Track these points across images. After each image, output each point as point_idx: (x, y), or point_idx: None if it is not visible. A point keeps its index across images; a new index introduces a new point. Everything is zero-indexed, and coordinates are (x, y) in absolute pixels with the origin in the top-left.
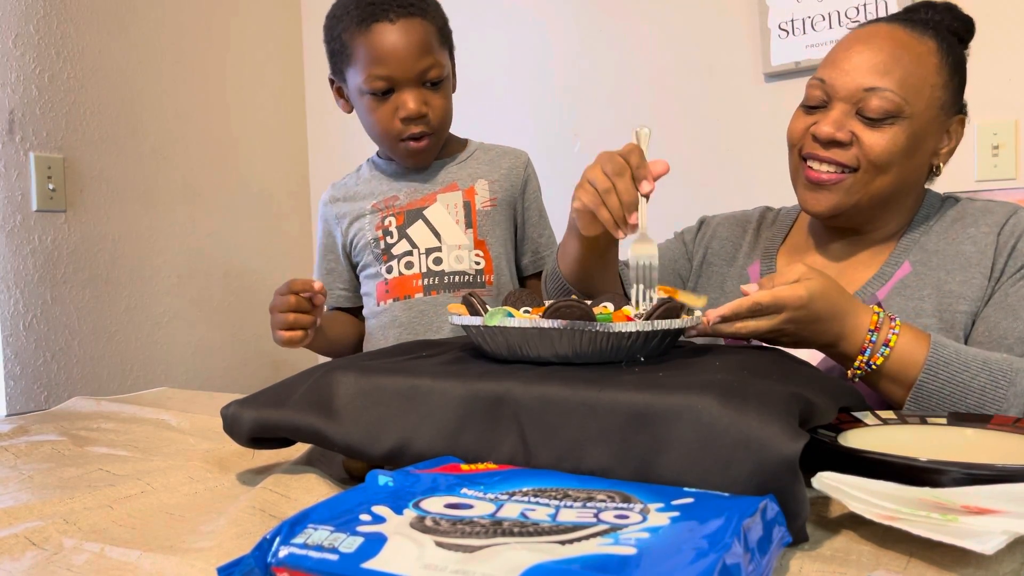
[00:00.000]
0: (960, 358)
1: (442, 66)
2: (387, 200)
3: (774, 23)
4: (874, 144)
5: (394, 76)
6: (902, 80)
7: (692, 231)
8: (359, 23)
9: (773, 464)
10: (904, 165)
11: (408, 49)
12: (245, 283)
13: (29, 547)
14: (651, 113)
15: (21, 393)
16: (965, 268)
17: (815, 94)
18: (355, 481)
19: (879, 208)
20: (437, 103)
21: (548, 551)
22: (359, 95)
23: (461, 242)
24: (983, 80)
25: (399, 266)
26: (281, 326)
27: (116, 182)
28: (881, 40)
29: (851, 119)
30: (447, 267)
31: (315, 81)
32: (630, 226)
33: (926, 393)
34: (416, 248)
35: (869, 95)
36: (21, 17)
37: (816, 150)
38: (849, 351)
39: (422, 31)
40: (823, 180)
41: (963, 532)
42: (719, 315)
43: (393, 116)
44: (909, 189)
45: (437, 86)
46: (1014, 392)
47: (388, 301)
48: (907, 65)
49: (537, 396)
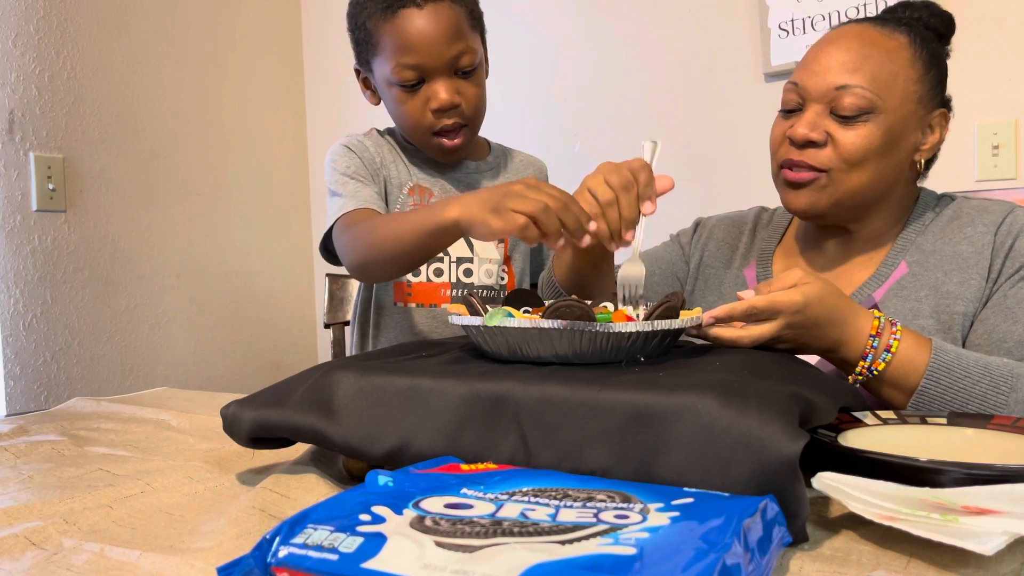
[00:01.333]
0: (961, 364)
1: (474, 51)
2: (423, 190)
3: (774, 23)
4: (848, 143)
5: (424, 65)
6: (873, 76)
7: (688, 233)
8: (384, 9)
9: (773, 464)
10: (881, 161)
11: (438, 35)
12: (245, 283)
13: (29, 547)
14: (651, 113)
15: (21, 393)
16: (962, 269)
17: (790, 98)
18: (355, 481)
19: (863, 206)
20: (470, 92)
21: (548, 551)
22: (387, 86)
23: (492, 256)
24: (983, 80)
25: (427, 271)
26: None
27: (116, 182)
28: (850, 39)
29: (825, 119)
30: (476, 280)
31: (315, 81)
32: (624, 241)
33: (927, 399)
34: (447, 255)
35: (841, 93)
36: (21, 17)
37: (792, 155)
38: (850, 357)
39: (452, 15)
40: (799, 179)
41: (963, 533)
42: (713, 316)
43: (424, 108)
44: (892, 186)
45: (469, 74)
46: (1015, 399)
47: (409, 304)
48: (877, 61)
49: (537, 396)
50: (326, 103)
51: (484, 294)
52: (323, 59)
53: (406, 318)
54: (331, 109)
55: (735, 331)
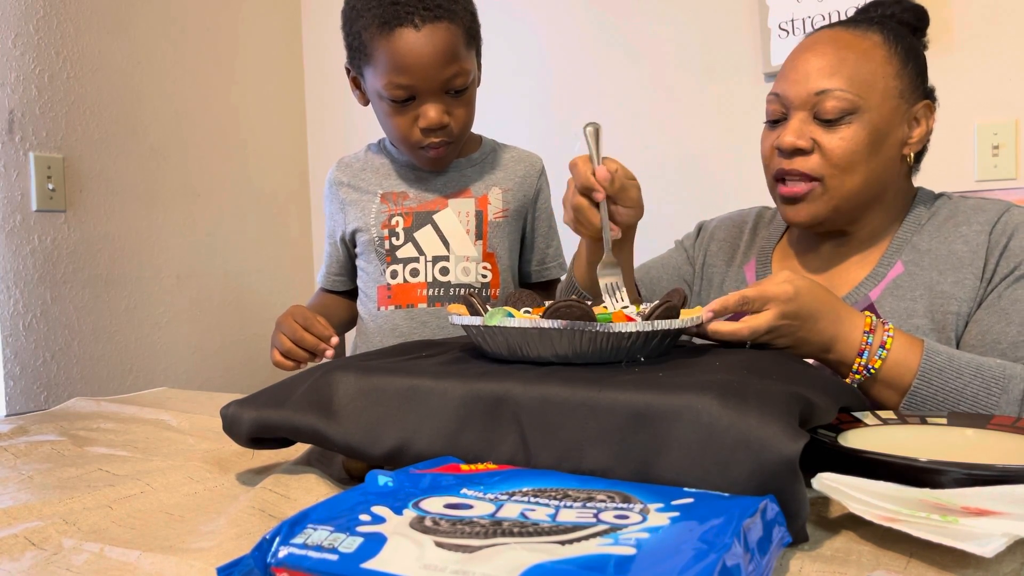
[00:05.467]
0: (953, 364)
1: (467, 73)
2: (396, 196)
3: (774, 23)
4: (835, 147)
5: (416, 86)
6: (851, 77)
7: (691, 237)
8: (381, 24)
9: (773, 464)
10: (871, 160)
11: (433, 58)
12: (245, 283)
13: (29, 547)
14: (651, 113)
15: (21, 393)
16: (957, 268)
17: (773, 109)
18: (355, 481)
19: (860, 208)
20: (459, 112)
21: (548, 551)
22: (378, 98)
23: (469, 253)
24: (983, 80)
25: (404, 272)
26: (280, 348)
27: (116, 182)
28: (824, 45)
29: (810, 125)
30: (453, 279)
31: (315, 81)
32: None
33: (919, 399)
34: (423, 255)
35: (822, 98)
36: (21, 17)
37: (783, 165)
38: (846, 354)
39: (449, 37)
40: (795, 193)
41: (963, 534)
42: (710, 310)
43: (412, 124)
44: (885, 183)
45: (460, 93)
46: (1007, 400)
47: (389, 307)
48: (854, 63)
49: (537, 396)
50: (326, 103)
51: (463, 292)
52: (323, 59)
53: (388, 321)
54: (331, 109)
55: (733, 324)
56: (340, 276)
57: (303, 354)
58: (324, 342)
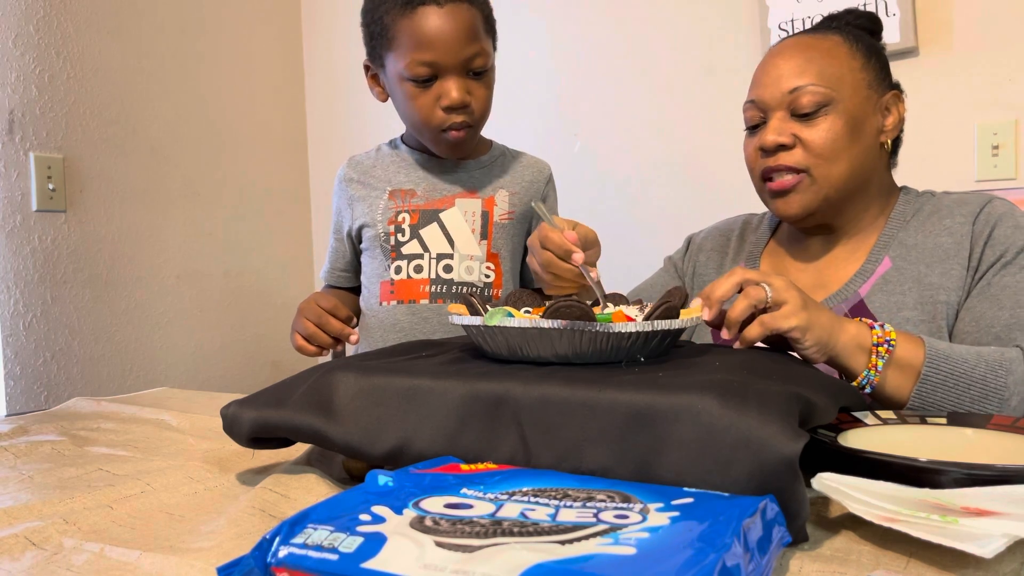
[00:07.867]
0: (955, 352)
1: (487, 55)
2: (404, 193)
3: (774, 23)
4: (816, 138)
5: (439, 62)
6: (820, 73)
7: (680, 252)
8: (403, 5)
9: (773, 464)
10: (852, 148)
11: (455, 35)
12: (245, 283)
13: (29, 547)
14: (651, 113)
15: (21, 393)
16: (944, 260)
17: (751, 115)
18: (355, 481)
19: (848, 198)
20: (480, 93)
21: (548, 551)
22: (399, 81)
23: (474, 252)
24: (983, 80)
25: (408, 268)
26: (304, 332)
27: (116, 182)
28: (791, 49)
29: (789, 123)
30: (456, 276)
31: (315, 80)
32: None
33: (930, 388)
34: (427, 252)
35: (797, 95)
36: (21, 17)
37: (768, 163)
38: (860, 331)
39: (470, 17)
40: (784, 186)
41: (963, 535)
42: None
43: (435, 104)
44: (869, 173)
45: (481, 76)
46: (1014, 380)
47: (392, 302)
48: (820, 60)
49: (537, 396)
50: (326, 103)
51: (465, 291)
52: (323, 59)
53: (390, 316)
54: (331, 109)
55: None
56: (345, 272)
57: (327, 339)
58: (346, 327)
